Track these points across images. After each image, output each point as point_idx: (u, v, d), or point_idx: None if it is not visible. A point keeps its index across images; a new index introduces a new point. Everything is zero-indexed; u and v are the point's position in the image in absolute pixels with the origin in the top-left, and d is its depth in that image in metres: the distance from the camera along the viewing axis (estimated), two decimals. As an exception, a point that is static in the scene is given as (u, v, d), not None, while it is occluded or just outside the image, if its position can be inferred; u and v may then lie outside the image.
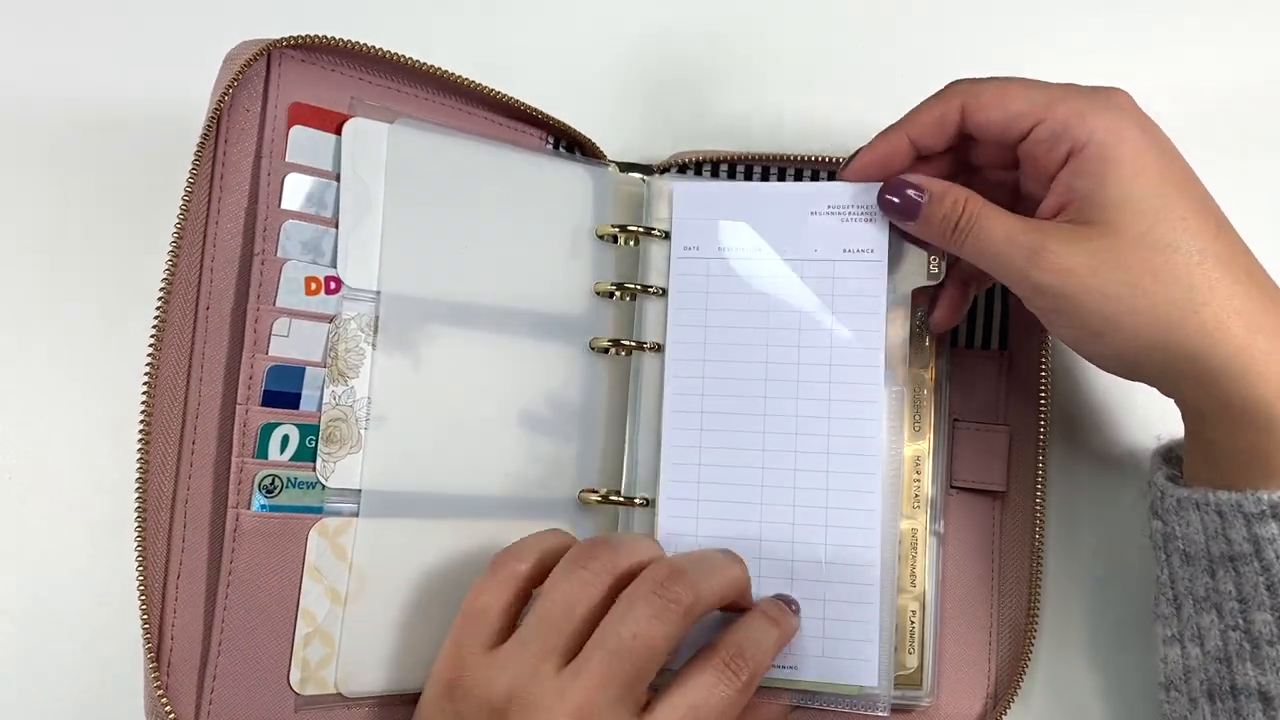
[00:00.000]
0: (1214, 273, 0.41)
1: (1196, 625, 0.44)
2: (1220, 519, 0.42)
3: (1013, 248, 0.43)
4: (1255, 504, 0.40)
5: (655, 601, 0.42)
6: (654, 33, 0.59)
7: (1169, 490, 0.44)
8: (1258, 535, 0.41)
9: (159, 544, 0.44)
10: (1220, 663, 0.43)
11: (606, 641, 0.41)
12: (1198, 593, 0.44)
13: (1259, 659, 0.41)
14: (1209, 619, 0.43)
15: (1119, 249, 0.41)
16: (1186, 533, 0.44)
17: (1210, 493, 0.42)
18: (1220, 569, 0.42)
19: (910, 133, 0.46)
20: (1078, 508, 0.53)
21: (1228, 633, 0.42)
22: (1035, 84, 0.44)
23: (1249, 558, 0.41)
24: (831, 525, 0.48)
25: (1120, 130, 0.42)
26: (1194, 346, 0.41)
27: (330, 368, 0.46)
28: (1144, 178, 0.42)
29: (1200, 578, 0.43)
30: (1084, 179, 0.42)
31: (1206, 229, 0.41)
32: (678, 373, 0.50)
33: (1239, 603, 0.42)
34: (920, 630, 0.49)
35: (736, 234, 0.50)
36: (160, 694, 0.42)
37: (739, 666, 0.42)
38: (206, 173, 0.45)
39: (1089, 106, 0.43)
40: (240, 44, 0.46)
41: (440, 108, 0.51)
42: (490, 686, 0.41)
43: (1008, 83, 0.45)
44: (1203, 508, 0.42)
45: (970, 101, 0.45)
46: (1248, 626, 0.42)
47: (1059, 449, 0.54)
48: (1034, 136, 0.43)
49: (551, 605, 0.42)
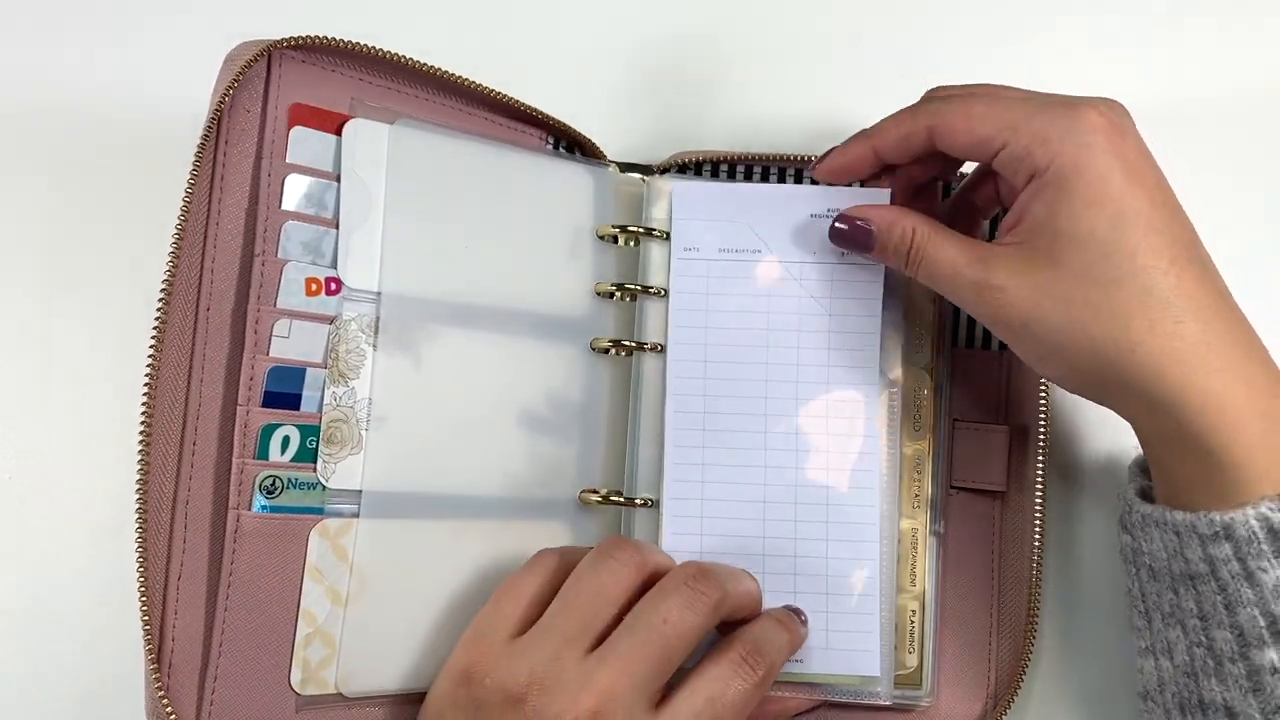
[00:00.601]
0: (1155, 311, 0.40)
1: (1165, 639, 0.44)
2: (1178, 538, 0.42)
3: (959, 279, 0.44)
4: (1208, 525, 0.40)
5: (687, 593, 0.43)
6: (654, 33, 0.59)
7: (1135, 505, 0.44)
8: (1212, 556, 0.41)
9: (160, 545, 0.44)
10: (1188, 677, 0.43)
11: (638, 627, 0.42)
12: (1164, 608, 0.44)
13: (1222, 675, 0.41)
14: (1175, 634, 0.43)
15: (1062, 282, 0.41)
16: (1152, 549, 0.44)
17: (1168, 512, 0.42)
18: (1181, 586, 0.42)
19: (876, 145, 0.47)
20: (1078, 508, 0.53)
21: (1192, 649, 0.42)
22: (1002, 102, 0.44)
23: (1206, 577, 0.41)
24: (833, 522, 0.49)
25: (1081, 158, 0.41)
26: (1132, 382, 0.41)
27: (331, 369, 0.46)
28: (1097, 209, 0.41)
29: (1165, 594, 0.43)
30: (1039, 205, 0.42)
31: (1156, 265, 0.41)
32: (679, 374, 0.50)
33: (1200, 620, 0.42)
34: (920, 630, 0.50)
35: (736, 235, 0.50)
36: (161, 695, 0.42)
37: (756, 661, 0.43)
38: (207, 174, 0.45)
39: (1054, 130, 0.42)
40: (240, 45, 0.46)
41: (440, 108, 0.51)
42: (511, 673, 0.41)
43: (973, 103, 0.44)
44: (1162, 526, 0.43)
45: (937, 124, 0.45)
46: (1210, 644, 0.42)
47: (1059, 449, 0.54)
48: (1000, 158, 0.43)
49: (577, 593, 0.43)
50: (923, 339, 0.51)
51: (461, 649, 0.44)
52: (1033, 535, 0.51)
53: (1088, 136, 0.41)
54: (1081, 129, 0.42)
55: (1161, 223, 0.41)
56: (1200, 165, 0.43)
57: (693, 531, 0.49)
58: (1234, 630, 0.40)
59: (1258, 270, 0.48)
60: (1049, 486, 0.52)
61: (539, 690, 0.41)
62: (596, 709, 0.40)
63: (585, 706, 0.40)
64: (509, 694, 0.41)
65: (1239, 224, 0.43)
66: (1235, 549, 0.40)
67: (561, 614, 0.43)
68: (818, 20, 0.60)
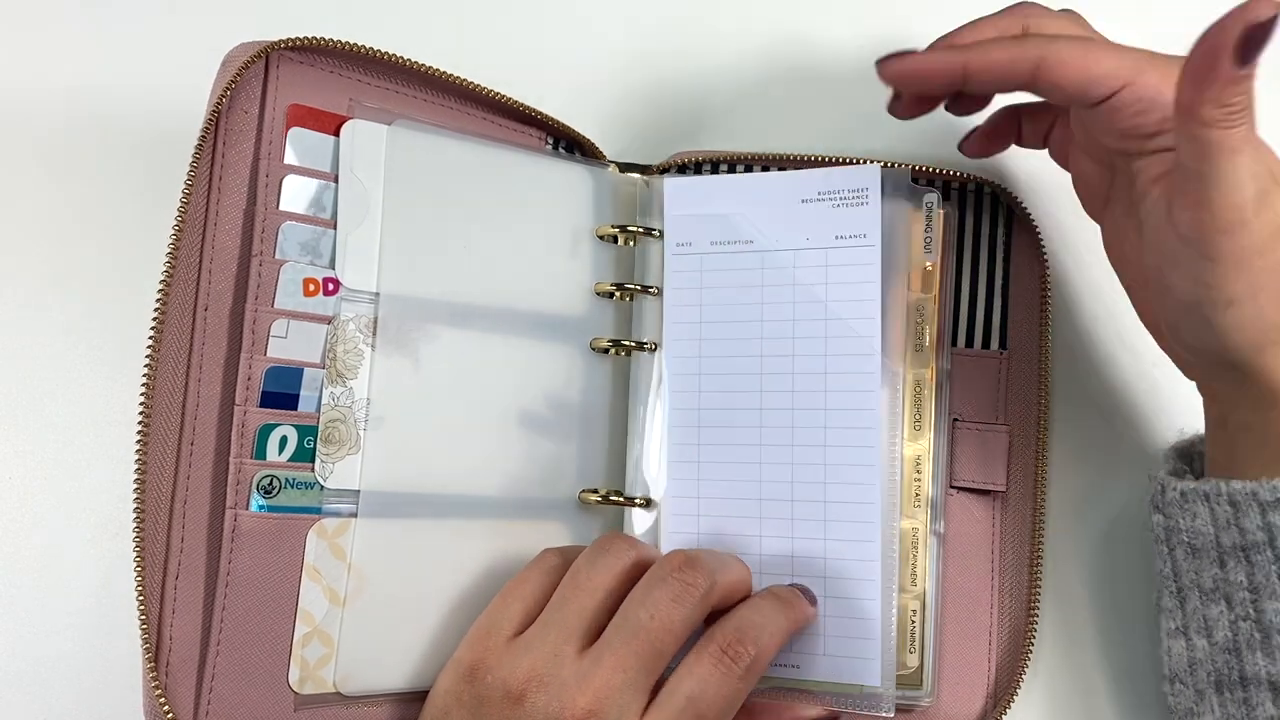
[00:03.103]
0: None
1: (1203, 617, 0.44)
2: (1234, 509, 0.42)
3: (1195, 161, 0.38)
4: (1271, 492, 0.41)
5: (674, 584, 0.43)
6: (654, 32, 0.59)
7: (1170, 484, 0.45)
8: (1271, 523, 0.41)
9: (157, 544, 0.44)
10: (1229, 653, 0.43)
11: (626, 623, 0.42)
12: (1205, 585, 0.44)
13: (1269, 648, 0.41)
14: (1218, 609, 0.43)
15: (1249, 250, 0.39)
16: (1193, 525, 0.44)
17: (1224, 483, 0.42)
18: (1231, 559, 0.42)
19: (969, 64, 0.43)
20: (1078, 508, 0.53)
21: (1238, 623, 0.42)
22: (1119, 47, 0.42)
23: (1262, 546, 0.41)
24: (831, 520, 0.48)
25: None
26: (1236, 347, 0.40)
27: (329, 369, 0.46)
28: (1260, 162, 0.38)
29: (1208, 570, 0.43)
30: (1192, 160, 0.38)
31: None
32: (674, 370, 0.50)
33: (1250, 592, 0.42)
34: (920, 630, 0.49)
35: (728, 227, 0.50)
36: (158, 694, 0.42)
37: (737, 653, 0.43)
38: (205, 174, 0.45)
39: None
40: (238, 46, 0.46)
41: (439, 109, 0.51)
42: (512, 670, 0.42)
43: (1091, 43, 0.42)
44: (1214, 499, 0.43)
45: (1051, 57, 0.42)
46: (1259, 616, 0.42)
47: (1059, 449, 0.53)
48: (1118, 100, 0.41)
49: (575, 589, 0.44)
50: (923, 338, 0.51)
51: (466, 645, 0.44)
52: (1033, 535, 0.51)
53: None
54: None
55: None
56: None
57: (690, 530, 0.49)
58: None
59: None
60: (1049, 486, 0.52)
61: (537, 687, 0.41)
62: (591, 708, 0.41)
63: (581, 705, 0.41)
64: (509, 690, 0.42)
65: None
66: None
67: (559, 610, 0.43)
68: (818, 19, 0.59)
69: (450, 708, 0.43)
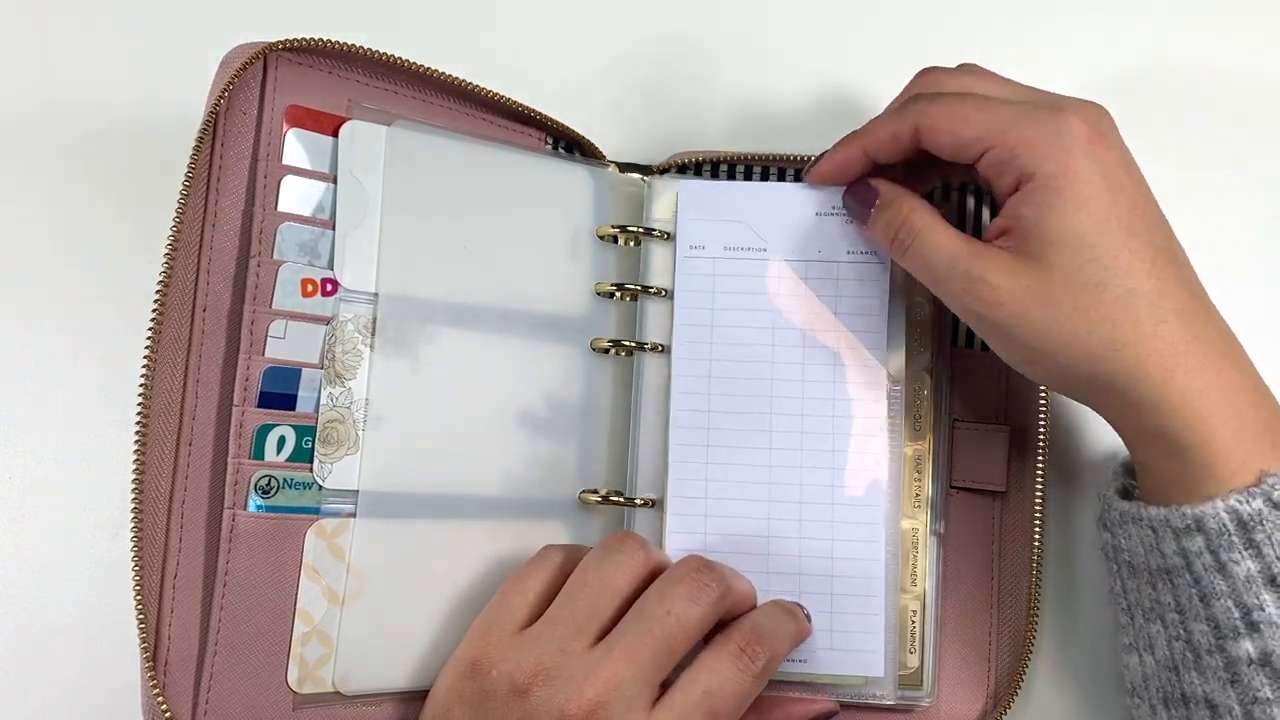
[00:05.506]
0: (1141, 312, 0.41)
1: (1147, 634, 0.44)
2: (1154, 533, 0.43)
3: (952, 272, 0.44)
4: (1180, 519, 0.41)
5: (692, 584, 0.43)
6: (653, 32, 0.59)
7: (1113, 503, 0.45)
8: (1186, 549, 0.41)
9: (156, 545, 0.44)
10: (1170, 671, 0.43)
11: (642, 618, 0.43)
12: (1144, 604, 0.44)
13: (1201, 668, 0.42)
14: (1156, 629, 0.44)
15: (1050, 285, 0.42)
16: (1130, 545, 0.44)
17: (1143, 508, 0.43)
18: (1159, 581, 0.43)
19: (865, 146, 0.47)
20: (1078, 508, 0.53)
21: (1172, 643, 0.43)
22: (989, 104, 0.44)
23: (1181, 571, 0.42)
24: (838, 522, 0.49)
25: (1067, 162, 0.42)
26: (1115, 381, 0.42)
27: (328, 369, 0.46)
28: (1083, 213, 0.42)
29: (1145, 590, 0.44)
30: (1028, 209, 0.43)
31: (1139, 267, 0.42)
32: (684, 373, 0.50)
33: (1178, 614, 0.42)
34: (920, 630, 0.49)
35: (741, 234, 0.50)
36: (157, 694, 0.43)
37: (755, 652, 0.43)
38: (203, 175, 0.46)
39: (1040, 134, 0.42)
40: (237, 47, 0.46)
41: (438, 109, 0.51)
42: (518, 663, 0.42)
43: (962, 103, 0.44)
44: (1139, 522, 0.43)
45: (924, 123, 0.45)
46: (1188, 637, 0.42)
47: (1059, 449, 0.53)
48: (985, 160, 0.44)
49: (584, 585, 0.44)
50: (923, 339, 0.51)
51: (468, 641, 0.44)
52: (1033, 535, 0.51)
53: (1071, 142, 0.42)
54: (1066, 134, 0.42)
55: (1143, 227, 0.43)
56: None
57: (696, 531, 0.49)
58: (1210, 623, 0.41)
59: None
60: (1049, 486, 0.52)
61: (544, 680, 0.41)
62: (599, 699, 0.41)
63: (589, 696, 0.41)
64: (515, 684, 0.42)
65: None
66: (1207, 541, 0.41)
67: (568, 606, 0.43)
68: (818, 18, 0.59)
69: (452, 704, 0.43)
